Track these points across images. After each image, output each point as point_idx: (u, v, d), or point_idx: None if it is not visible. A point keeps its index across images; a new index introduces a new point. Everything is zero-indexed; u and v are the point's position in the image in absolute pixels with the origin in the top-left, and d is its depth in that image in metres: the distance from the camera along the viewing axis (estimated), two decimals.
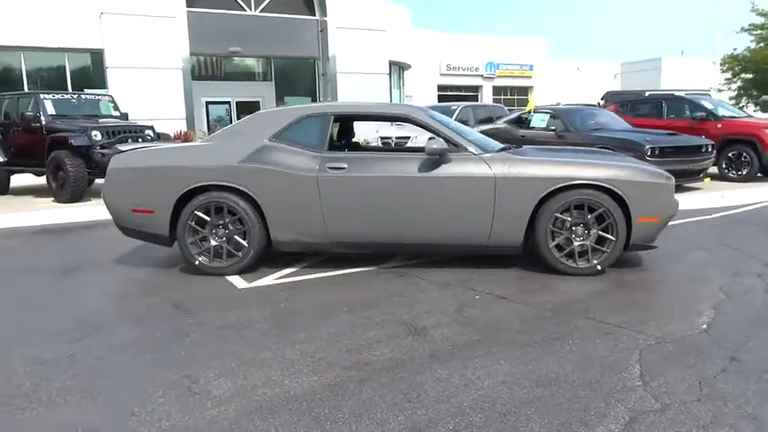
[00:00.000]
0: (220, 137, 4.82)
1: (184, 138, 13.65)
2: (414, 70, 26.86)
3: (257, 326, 3.43)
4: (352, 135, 5.82)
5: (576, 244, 4.42)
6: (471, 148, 4.47)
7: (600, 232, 4.40)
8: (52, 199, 9.13)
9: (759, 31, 25.72)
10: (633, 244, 4.44)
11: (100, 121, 9.70)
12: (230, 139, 4.70)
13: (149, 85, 15.76)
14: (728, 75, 27.88)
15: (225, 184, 4.49)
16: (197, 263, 4.60)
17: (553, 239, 4.41)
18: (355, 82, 18.39)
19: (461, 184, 4.36)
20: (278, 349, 3.06)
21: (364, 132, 13.06)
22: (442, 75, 31.57)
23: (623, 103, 12.01)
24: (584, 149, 5.69)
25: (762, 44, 25.53)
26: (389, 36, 19.96)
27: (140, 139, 9.46)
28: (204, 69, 19.32)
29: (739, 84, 27.22)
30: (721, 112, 10.66)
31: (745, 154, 9.94)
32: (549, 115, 10.28)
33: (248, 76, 20.26)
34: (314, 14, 19.21)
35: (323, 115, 4.66)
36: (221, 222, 4.58)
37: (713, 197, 8.48)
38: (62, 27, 16.00)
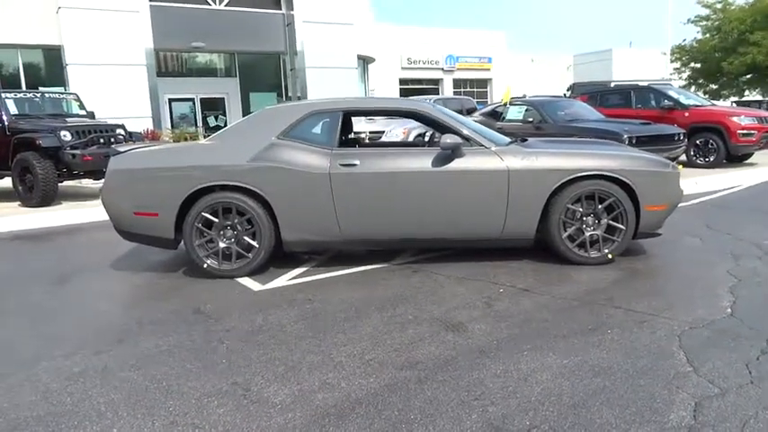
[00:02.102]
0: (225, 136, 4.67)
1: (152, 137, 13.19)
2: (375, 64, 26.78)
3: (290, 329, 3.35)
4: (352, 131, 5.75)
5: (587, 234, 4.50)
6: (483, 142, 4.48)
7: (610, 222, 4.48)
8: (18, 203, 8.68)
9: (705, 23, 26.82)
10: (641, 232, 4.55)
11: (68, 120, 9.27)
12: (236, 138, 4.56)
13: (113, 83, 15.13)
14: (677, 65, 28.98)
15: (233, 183, 4.36)
16: (205, 266, 4.45)
17: (565, 230, 4.47)
18: (324, 77, 18.19)
19: (475, 177, 4.36)
20: (322, 352, 2.99)
21: None
22: (403, 68, 31.62)
23: (592, 93, 12.29)
24: (586, 141, 5.78)
25: (707, 35, 26.63)
26: (355, 30, 19.81)
27: (112, 139, 9.09)
28: (166, 66, 18.73)
29: (688, 73, 28.34)
30: (687, 101, 11.05)
31: (712, 141, 10.33)
32: (525, 107, 10.43)
33: (212, 71, 19.75)
34: (280, 8, 18.87)
35: (332, 111, 4.57)
36: (229, 223, 4.44)
37: (687, 183, 8.70)
38: (14, 22, 15.20)
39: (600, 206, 4.45)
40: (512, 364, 2.77)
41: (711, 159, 10.37)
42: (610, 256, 4.50)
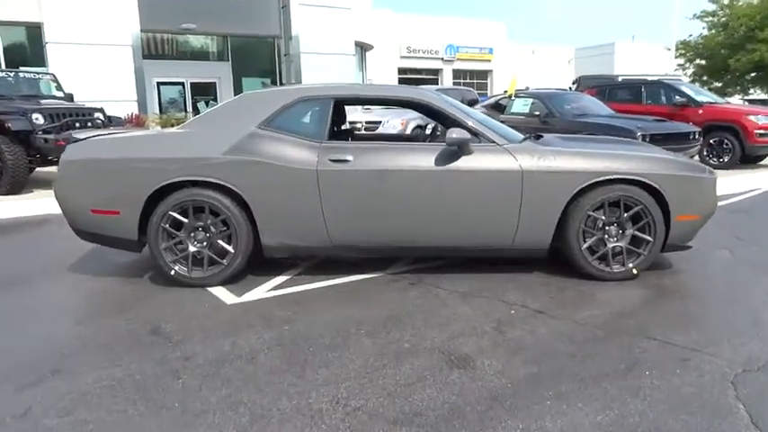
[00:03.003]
0: (199, 123, 4.08)
1: (137, 122, 12.54)
2: (374, 52, 26.08)
3: (263, 359, 2.79)
4: (344, 121, 5.16)
5: (609, 245, 3.95)
6: (494, 138, 3.91)
7: (636, 232, 3.94)
8: None
9: (711, 18, 26.24)
10: (669, 244, 4.01)
11: (41, 102, 8.63)
12: (211, 126, 3.97)
13: (96, 64, 14.36)
14: (681, 61, 28.43)
15: (206, 179, 3.78)
16: (172, 272, 3.89)
17: (585, 241, 3.93)
18: (320, 63, 17.49)
19: (485, 178, 3.80)
20: (299, 394, 2.43)
21: None
22: (402, 57, 30.93)
23: (601, 87, 11.72)
24: (608, 139, 5.21)
25: (713, 31, 26.06)
26: (353, 15, 19.11)
27: (89, 123, 8.47)
28: (155, 48, 18.00)
29: (692, 70, 27.79)
30: (701, 97, 10.49)
31: (726, 141, 9.80)
32: (531, 100, 9.86)
33: (203, 55, 19.03)
34: None
35: (321, 98, 3.99)
36: (201, 225, 3.87)
37: None
38: None
39: (625, 214, 3.90)
40: (532, 421, 2.22)
41: (726, 160, 9.84)
42: (634, 271, 3.95)
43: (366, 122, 12.98)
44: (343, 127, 5.24)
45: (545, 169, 3.80)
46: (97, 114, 8.81)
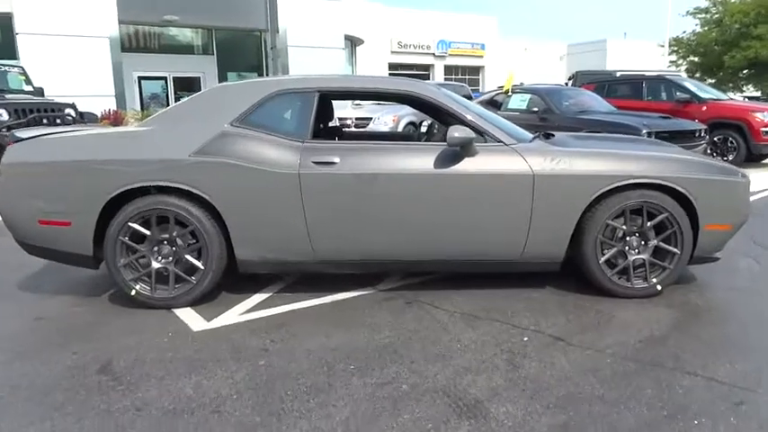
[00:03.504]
0: (162, 120, 3.56)
1: (114, 118, 11.94)
2: (364, 47, 25.56)
3: (230, 407, 2.30)
4: (331, 117, 4.66)
5: (631, 258, 3.49)
6: (502, 137, 3.44)
7: (660, 243, 3.48)
8: None
9: (704, 15, 25.99)
10: (695, 256, 3.57)
11: (7, 97, 8.05)
12: (177, 124, 3.46)
13: (70, 56, 13.66)
14: (673, 57, 28.17)
15: (170, 184, 3.28)
16: (133, 292, 3.38)
17: (603, 253, 3.47)
18: (309, 57, 16.91)
19: (491, 183, 3.33)
20: None
21: None
22: (393, 52, 30.38)
23: (600, 83, 11.29)
24: (623, 137, 4.75)
25: (705, 27, 25.81)
26: (342, 7, 18.56)
27: (58, 120, 7.91)
28: (137, 41, 17.35)
29: (685, 66, 27.52)
30: (705, 94, 10.09)
31: (731, 139, 9.40)
32: (529, 96, 9.41)
33: (187, 48, 18.39)
34: None
35: (304, 92, 3.49)
36: (166, 237, 3.37)
37: None
38: None
39: (648, 223, 3.44)
40: None
41: (730, 159, 9.44)
42: (659, 287, 3.50)
43: (356, 119, 12.49)
44: (330, 124, 4.76)
45: (559, 173, 3.34)
46: (68, 110, 8.25)
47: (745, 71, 24.82)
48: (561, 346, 2.83)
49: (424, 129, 5.49)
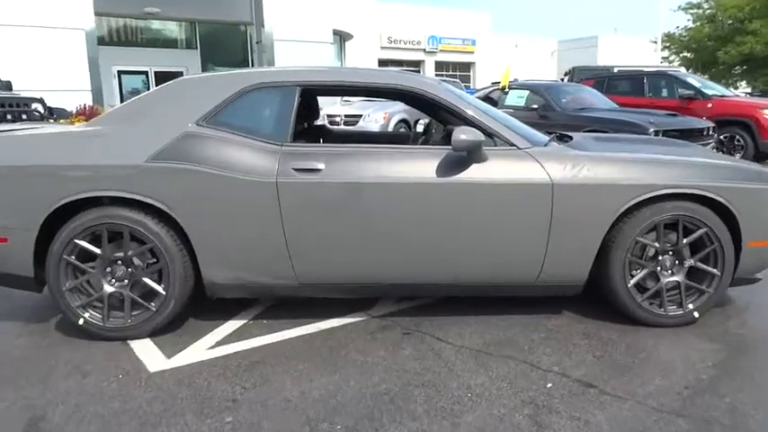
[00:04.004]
0: (116, 119, 3.02)
1: (90, 114, 11.30)
2: (354, 42, 24.99)
3: None
4: (317, 115, 4.15)
5: (664, 281, 3.02)
6: (514, 140, 2.94)
7: (698, 263, 3.01)
8: None
9: (696, 10, 25.68)
10: (736, 277, 3.10)
11: None
12: (132, 123, 2.92)
13: (43, 49, 12.89)
14: (665, 53, 27.86)
15: (123, 194, 2.76)
16: (81, 321, 2.86)
17: (632, 275, 2.99)
18: (295, 51, 16.28)
19: (503, 194, 2.84)
20: None
21: None
22: (382, 48, 29.84)
23: (599, 79, 10.84)
24: (649, 139, 4.26)
25: (697, 23, 25.52)
26: (331, 1, 17.96)
27: (24, 116, 7.31)
28: (116, 33, 16.64)
29: (678, 62, 27.22)
30: (710, 90, 9.68)
31: (738, 137, 8.99)
32: (527, 92, 8.94)
33: (169, 42, 17.71)
34: None
35: (284, 86, 2.97)
36: (121, 256, 2.84)
37: None
38: None
39: (684, 240, 2.97)
40: None
41: (737, 158, 9.01)
42: (696, 314, 3.03)
43: (345, 116, 11.95)
44: (316, 123, 4.24)
45: (582, 181, 2.85)
46: (35, 105, 7.67)
47: (739, 67, 24.53)
48: (594, 395, 2.35)
49: (420, 128, 4.98)
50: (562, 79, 13.47)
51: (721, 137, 9.13)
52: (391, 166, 2.83)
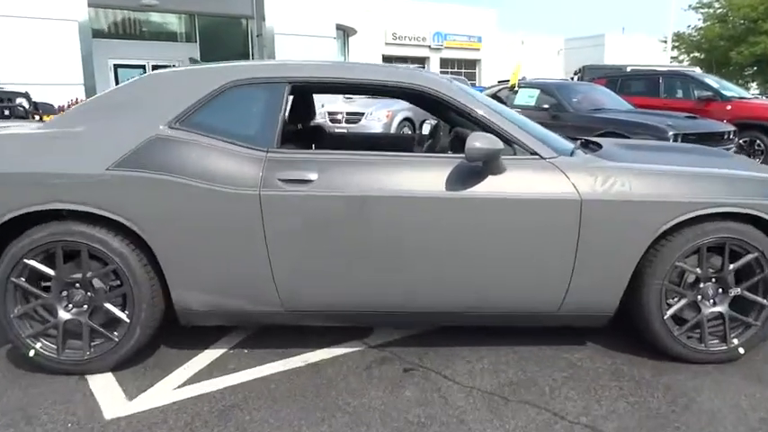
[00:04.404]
0: (73, 119, 2.62)
1: None
2: (357, 37, 24.54)
3: None
4: (312, 115, 3.75)
5: (705, 312, 2.62)
6: (537, 148, 2.54)
7: (744, 292, 2.61)
8: None
9: (707, 10, 25.22)
10: None
11: None
12: (94, 124, 2.53)
13: (33, 41, 12.44)
14: (674, 53, 27.41)
15: (82, 208, 2.37)
16: (32, 353, 2.47)
17: (668, 305, 2.59)
18: (297, 45, 15.84)
19: (523, 211, 2.44)
20: None
21: None
22: (387, 44, 29.35)
23: (611, 78, 10.41)
24: (682, 147, 3.84)
25: (708, 23, 25.08)
26: None
27: (6, 111, 6.93)
28: (114, 26, 16.24)
29: (687, 62, 26.75)
30: (728, 91, 9.25)
31: (759, 141, 8.57)
32: (538, 91, 8.52)
33: (168, 35, 17.29)
34: None
35: (270, 82, 2.57)
36: (79, 278, 2.45)
37: None
38: None
39: (731, 266, 2.57)
40: None
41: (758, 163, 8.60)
42: (741, 350, 2.63)
43: (347, 113, 11.55)
44: (311, 123, 3.84)
45: (615, 198, 2.45)
46: (20, 99, 7.30)
47: (749, 68, 24.07)
48: None
49: (426, 130, 4.58)
50: (572, 78, 13.04)
51: (741, 141, 8.70)
52: (395, 177, 2.44)
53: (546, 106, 8.11)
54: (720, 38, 23.40)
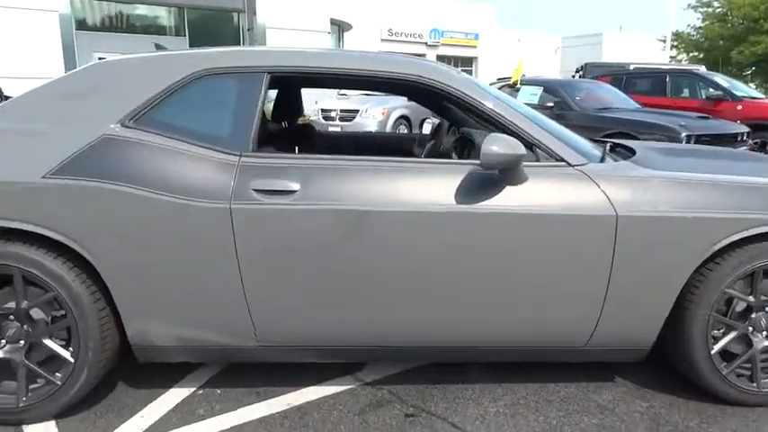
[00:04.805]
0: (10, 113, 2.18)
1: None
2: (353, 33, 24.08)
3: None
4: (300, 112, 3.32)
5: (758, 346, 2.22)
6: (564, 153, 2.13)
7: None
8: None
9: (706, 9, 24.95)
10: None
11: None
12: (31, 121, 2.10)
13: (10, 31, 11.87)
14: (673, 53, 27.13)
15: (13, 224, 1.94)
16: None
17: (715, 338, 2.19)
18: (290, 40, 15.38)
19: (548, 230, 2.04)
20: None
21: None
22: (383, 41, 28.86)
23: (616, 76, 10.02)
24: (740, 153, 3.40)
25: (706, 22, 24.82)
26: None
27: None
28: (99, 18, 15.69)
29: (686, 61, 26.46)
30: (739, 91, 8.88)
31: None
32: (541, 89, 8.11)
33: (157, 29, 16.74)
34: None
35: (245, 72, 2.15)
36: (11, 309, 2.03)
37: None
38: None
39: None
40: None
41: None
42: None
43: (341, 111, 11.14)
44: (299, 121, 3.42)
45: (657, 212, 2.05)
46: None
47: (750, 68, 23.77)
48: None
49: (426, 129, 4.17)
50: (573, 76, 12.64)
51: (752, 142, 8.34)
52: (394, 187, 2.03)
53: (550, 105, 7.70)
54: (721, 37, 23.07)
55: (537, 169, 2.08)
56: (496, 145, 1.91)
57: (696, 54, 25.70)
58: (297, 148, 2.92)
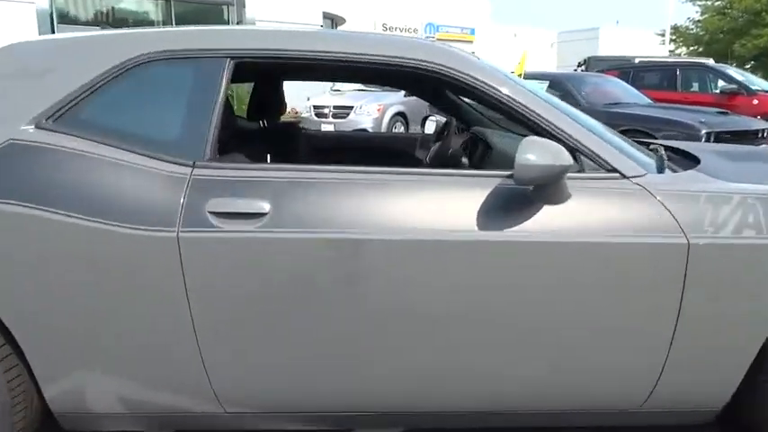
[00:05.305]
0: None
1: None
2: (346, 27, 23.55)
3: None
4: (281, 109, 2.81)
5: None
6: (617, 162, 1.64)
7: None
8: None
9: (704, 2, 24.63)
10: None
11: None
12: None
13: None
14: (671, 47, 26.81)
15: None
16: None
17: None
18: None
19: (598, 263, 1.54)
20: None
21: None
22: None
23: (624, 70, 9.55)
24: None
25: (706, 15, 24.50)
26: None
27: None
28: (81, 11, 15.10)
29: (686, 55, 26.13)
30: (754, 85, 8.43)
31: None
32: (546, 83, 7.64)
33: (142, 22, 16.17)
34: None
35: (200, 57, 1.64)
36: None
37: None
38: None
39: None
40: None
41: None
42: None
43: (334, 107, 10.61)
44: (281, 120, 2.91)
45: (740, 239, 1.57)
46: None
47: (750, 61, 23.44)
48: None
49: (429, 128, 3.67)
50: (575, 70, 12.18)
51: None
52: (397, 206, 1.53)
53: None
54: (721, 30, 22.73)
55: (583, 182, 1.59)
56: (535, 152, 1.42)
57: (696, 48, 25.38)
58: (271, 154, 2.39)
